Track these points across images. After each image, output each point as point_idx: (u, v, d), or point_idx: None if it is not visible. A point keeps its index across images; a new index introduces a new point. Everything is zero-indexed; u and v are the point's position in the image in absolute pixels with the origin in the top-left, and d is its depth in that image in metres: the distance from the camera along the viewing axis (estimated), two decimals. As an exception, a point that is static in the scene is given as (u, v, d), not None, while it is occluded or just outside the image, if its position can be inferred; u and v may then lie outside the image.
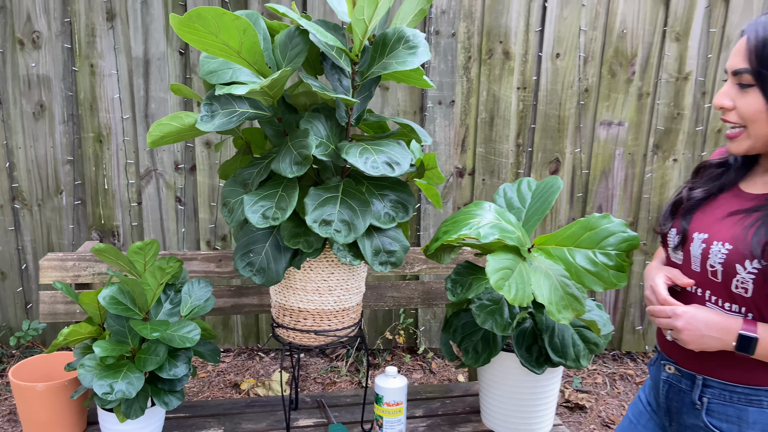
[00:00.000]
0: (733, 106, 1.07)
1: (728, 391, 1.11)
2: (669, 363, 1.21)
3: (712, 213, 1.15)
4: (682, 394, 1.18)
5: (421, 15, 1.62)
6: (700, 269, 1.13)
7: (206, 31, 1.26)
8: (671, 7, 2.71)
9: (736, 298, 1.07)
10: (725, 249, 1.07)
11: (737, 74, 1.05)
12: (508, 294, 1.37)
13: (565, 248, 1.48)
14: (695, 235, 1.14)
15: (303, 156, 1.37)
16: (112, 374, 1.48)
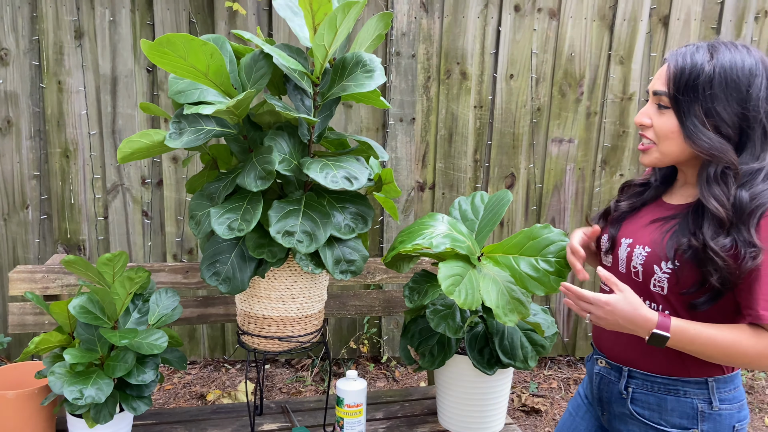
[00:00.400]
0: (651, 124, 1.20)
1: (650, 381, 1.23)
2: (601, 357, 1.34)
3: (637, 221, 1.28)
4: (611, 385, 1.30)
5: (378, 40, 1.74)
6: (625, 271, 1.25)
7: (175, 55, 1.35)
8: (615, 32, 2.89)
9: (654, 297, 1.20)
10: (645, 251, 1.20)
11: (657, 95, 1.18)
12: (458, 299, 1.49)
13: (510, 256, 1.60)
14: (622, 240, 1.27)
15: (267, 171, 1.46)
16: (81, 380, 1.54)
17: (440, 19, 2.84)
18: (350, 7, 1.40)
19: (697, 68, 1.12)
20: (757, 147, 1.13)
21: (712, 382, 1.20)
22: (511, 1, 2.84)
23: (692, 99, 1.12)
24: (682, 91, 1.13)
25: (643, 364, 1.24)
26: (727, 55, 1.12)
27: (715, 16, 2.91)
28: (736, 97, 1.11)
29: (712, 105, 1.11)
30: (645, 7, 2.88)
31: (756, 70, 1.12)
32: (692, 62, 1.13)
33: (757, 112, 1.11)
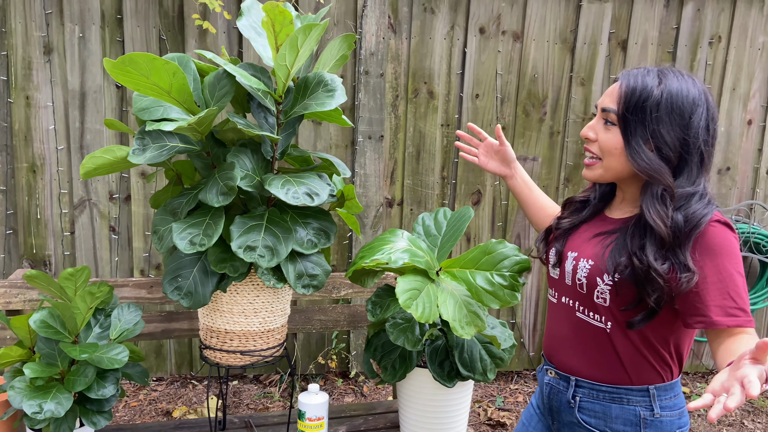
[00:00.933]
0: (596, 138, 1.25)
1: (595, 390, 1.28)
2: (551, 368, 1.38)
3: (581, 235, 1.33)
4: (560, 395, 1.34)
5: (343, 60, 1.79)
6: (571, 283, 1.30)
7: (138, 74, 1.38)
8: (576, 55, 2.99)
9: (598, 308, 1.25)
10: (588, 264, 1.25)
11: (605, 111, 1.23)
12: (415, 312, 1.52)
13: (467, 270, 1.64)
14: (569, 254, 1.32)
15: (228, 187, 1.49)
16: (41, 395, 1.53)
17: (408, 40, 2.91)
18: (311, 28, 1.45)
19: (647, 90, 1.17)
20: (694, 172, 1.18)
21: (652, 389, 1.25)
22: (477, 24, 2.92)
23: (639, 119, 1.17)
24: (631, 110, 1.18)
25: (590, 373, 1.29)
26: (675, 83, 1.18)
27: (671, 40, 3.03)
28: (679, 122, 1.16)
29: (656, 127, 1.16)
30: (604, 31, 2.98)
31: (699, 100, 1.18)
32: (642, 84, 1.18)
33: (696, 139, 1.17)
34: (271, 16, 1.50)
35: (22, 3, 2.70)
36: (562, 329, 1.34)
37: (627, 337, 1.23)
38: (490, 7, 2.92)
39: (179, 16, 2.80)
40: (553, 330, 1.38)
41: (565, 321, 1.33)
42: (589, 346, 1.28)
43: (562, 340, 1.34)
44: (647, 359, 1.24)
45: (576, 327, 1.30)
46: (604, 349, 1.26)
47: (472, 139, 1.69)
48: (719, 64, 3.07)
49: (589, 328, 1.27)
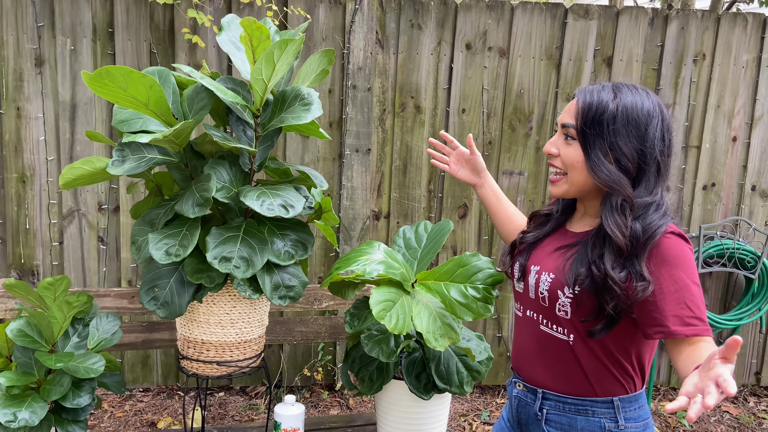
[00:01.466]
0: (558, 153, 1.28)
1: (561, 402, 1.29)
2: (519, 381, 1.39)
3: (544, 249, 1.35)
4: (528, 407, 1.35)
5: (323, 74, 1.82)
6: (534, 296, 1.32)
7: (115, 86, 1.40)
8: (562, 71, 3.03)
9: (560, 321, 1.27)
10: (550, 278, 1.27)
11: (565, 127, 1.26)
12: (389, 323, 1.54)
13: (442, 283, 1.66)
14: (531, 268, 1.34)
15: (204, 198, 1.51)
16: (16, 403, 1.54)
17: (395, 55, 2.94)
18: (287, 43, 1.48)
19: (603, 105, 1.20)
20: (651, 182, 1.21)
21: (617, 401, 1.26)
22: (463, 40, 2.96)
23: (597, 133, 1.20)
24: (589, 124, 1.21)
25: (556, 386, 1.30)
26: (629, 96, 1.21)
27: (656, 58, 3.07)
28: (635, 134, 1.19)
29: (614, 139, 1.19)
30: (590, 48, 3.02)
31: (654, 112, 1.21)
32: (598, 99, 1.21)
33: (653, 150, 1.20)
34: (249, 32, 1.53)
35: (15, 15, 2.74)
36: (528, 342, 1.35)
37: (589, 349, 1.25)
38: (476, 23, 2.96)
39: (170, 30, 2.84)
40: (520, 343, 1.39)
41: (530, 334, 1.34)
42: (553, 358, 1.29)
43: (528, 352, 1.35)
44: (610, 371, 1.25)
45: (540, 340, 1.31)
46: (568, 362, 1.27)
47: (444, 147, 1.71)
48: (704, 81, 3.11)
49: (553, 340, 1.29)
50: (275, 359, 3.15)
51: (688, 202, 3.20)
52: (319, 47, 2.90)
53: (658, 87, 3.08)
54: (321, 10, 2.88)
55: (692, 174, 3.18)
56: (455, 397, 3.26)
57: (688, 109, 3.12)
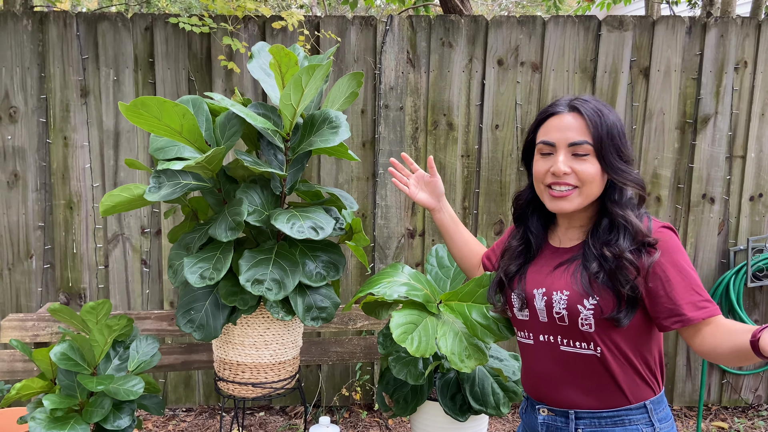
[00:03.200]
0: (571, 172, 1.26)
1: (597, 418, 1.27)
2: (542, 406, 1.35)
3: (540, 271, 1.34)
4: (560, 431, 1.32)
5: (353, 97, 1.84)
6: (547, 319, 1.30)
7: (150, 116, 1.45)
8: (597, 84, 2.98)
9: (584, 336, 1.25)
10: (564, 295, 1.26)
11: (575, 145, 1.25)
12: (410, 346, 1.52)
13: (464, 304, 1.63)
14: (535, 291, 1.32)
15: (236, 222, 1.54)
16: (59, 426, 1.59)
17: (426, 74, 2.96)
18: (314, 69, 1.50)
19: (606, 117, 1.25)
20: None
21: (649, 405, 1.27)
22: (495, 56, 2.95)
23: (611, 143, 1.24)
24: (604, 138, 1.24)
25: (589, 403, 1.27)
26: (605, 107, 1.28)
27: (695, 67, 2.99)
28: (622, 134, 1.27)
29: (620, 143, 1.25)
30: (625, 59, 2.97)
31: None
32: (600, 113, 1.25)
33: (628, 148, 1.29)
34: (277, 58, 1.56)
35: (60, 49, 2.87)
36: (547, 367, 1.32)
37: (618, 357, 1.25)
38: (507, 39, 2.95)
39: (207, 58, 2.93)
40: (537, 370, 1.35)
41: (549, 358, 1.32)
42: (582, 376, 1.27)
43: (550, 377, 1.32)
44: (640, 374, 1.26)
45: (563, 361, 1.29)
46: (599, 375, 1.26)
47: (403, 169, 1.69)
48: (746, 89, 3.01)
49: (579, 358, 1.27)
50: (313, 378, 3.16)
51: (734, 214, 3.09)
52: (352, 69, 2.94)
53: (698, 96, 3.00)
54: (352, 33, 2.92)
55: (738, 185, 3.08)
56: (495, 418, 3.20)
57: (731, 118, 3.02)
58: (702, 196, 3.07)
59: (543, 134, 1.30)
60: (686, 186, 3.07)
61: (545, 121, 1.31)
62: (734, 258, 3.07)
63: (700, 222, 3.09)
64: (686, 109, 3.03)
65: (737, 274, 2.99)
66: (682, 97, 3.02)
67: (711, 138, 3.03)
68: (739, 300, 3.01)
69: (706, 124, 3.02)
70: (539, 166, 1.31)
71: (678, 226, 3.11)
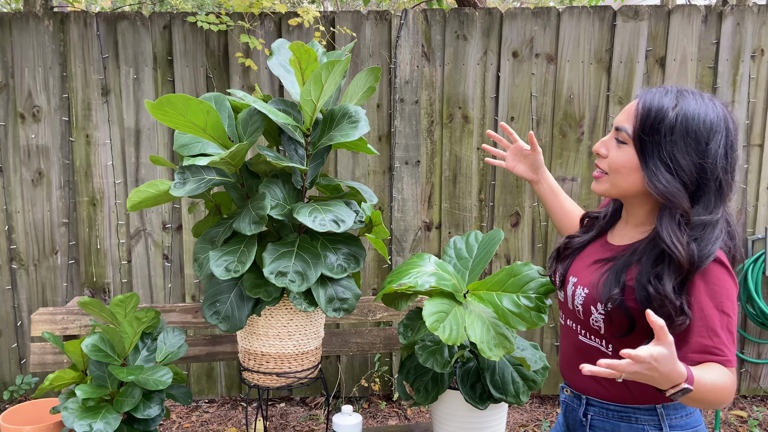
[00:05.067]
0: (607, 154, 1.23)
1: (605, 409, 1.29)
2: (565, 385, 1.40)
3: (583, 260, 1.34)
4: (574, 413, 1.36)
5: (370, 91, 1.87)
6: (572, 307, 1.32)
7: (175, 113, 1.49)
8: (612, 74, 2.98)
9: (596, 332, 1.27)
10: (584, 293, 1.26)
11: (618, 130, 1.20)
12: (442, 335, 1.56)
13: (494, 293, 1.66)
14: (570, 278, 1.34)
15: (260, 216, 1.58)
16: (91, 415, 1.64)
17: (441, 67, 2.97)
18: (333, 65, 1.53)
19: (662, 112, 1.14)
20: (712, 201, 1.15)
21: (660, 408, 1.24)
22: (509, 48, 2.96)
23: (654, 141, 1.14)
24: (647, 131, 1.15)
25: (599, 392, 1.29)
26: (692, 105, 1.13)
27: (712, 56, 2.98)
28: (695, 147, 1.13)
29: (671, 150, 1.13)
30: (641, 49, 2.97)
31: (717, 126, 1.13)
32: (659, 105, 1.15)
33: (714, 166, 1.13)
34: (297, 55, 1.59)
35: (81, 48, 2.92)
36: (569, 350, 1.36)
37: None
38: (522, 31, 2.96)
39: (224, 55, 2.97)
40: (564, 350, 1.40)
41: (571, 342, 1.35)
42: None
43: (569, 359, 1.35)
44: None
45: (580, 348, 1.32)
46: None
47: (502, 140, 1.67)
48: (763, 77, 2.99)
49: (592, 349, 1.29)
50: (333, 370, 3.21)
51: (752, 203, 3.08)
52: (367, 63, 2.96)
53: (715, 85, 2.99)
54: (367, 28, 2.95)
55: (756, 173, 3.06)
56: (514, 407, 3.23)
57: (748, 106, 3.01)
58: (719, 186, 3.06)
59: None
60: (703, 175, 3.06)
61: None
62: (752, 247, 3.06)
63: (717, 211, 3.08)
64: (703, 98, 3.02)
65: (755, 262, 2.99)
66: (698, 86, 3.01)
67: (728, 127, 3.02)
68: (757, 289, 3.00)
69: (723, 113, 3.01)
70: None
71: (695, 216, 3.10)
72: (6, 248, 3.03)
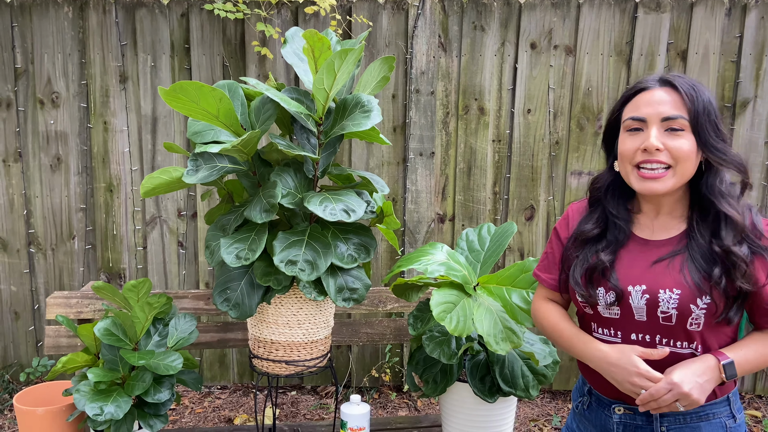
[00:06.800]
0: (663, 148, 1.19)
1: (681, 415, 1.24)
2: (619, 405, 1.30)
3: (633, 266, 1.25)
4: (640, 430, 1.28)
5: (384, 81, 1.86)
6: (646, 318, 1.23)
7: (188, 100, 1.50)
8: (632, 67, 2.94)
9: (690, 335, 1.20)
10: (675, 294, 1.19)
11: (670, 119, 1.18)
12: (449, 325, 1.55)
13: (503, 287, 1.65)
14: (630, 289, 1.23)
15: (271, 204, 1.58)
16: (102, 398, 1.67)
17: (458, 58, 2.95)
18: (346, 53, 1.52)
19: (703, 92, 1.20)
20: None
21: (731, 396, 1.26)
22: (528, 40, 2.93)
23: (708, 120, 1.19)
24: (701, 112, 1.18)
25: None
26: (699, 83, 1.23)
27: (735, 49, 2.92)
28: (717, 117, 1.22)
29: (717, 122, 1.20)
30: (662, 42, 2.91)
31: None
32: (697, 88, 1.20)
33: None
34: (311, 43, 1.59)
35: (100, 36, 2.94)
36: None
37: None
38: (541, 22, 2.92)
39: (240, 44, 2.97)
40: None
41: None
42: None
43: None
44: None
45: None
46: None
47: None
48: (789, 71, 2.93)
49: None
50: (344, 360, 3.22)
51: (773, 200, 3.02)
52: (383, 53, 2.95)
53: (737, 80, 2.93)
54: (384, 17, 2.93)
55: (778, 170, 3.00)
56: (525, 401, 3.22)
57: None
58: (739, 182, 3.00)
59: (631, 110, 1.24)
60: (723, 171, 3.01)
61: (633, 98, 1.24)
62: (772, 245, 3.00)
63: (737, 208, 3.03)
64: (724, 93, 2.96)
65: (775, 261, 2.94)
66: (720, 80, 2.95)
67: (750, 122, 2.96)
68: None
69: (745, 108, 2.95)
70: (627, 144, 1.23)
71: (714, 213, 3.05)
72: (24, 232, 3.07)
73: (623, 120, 1.26)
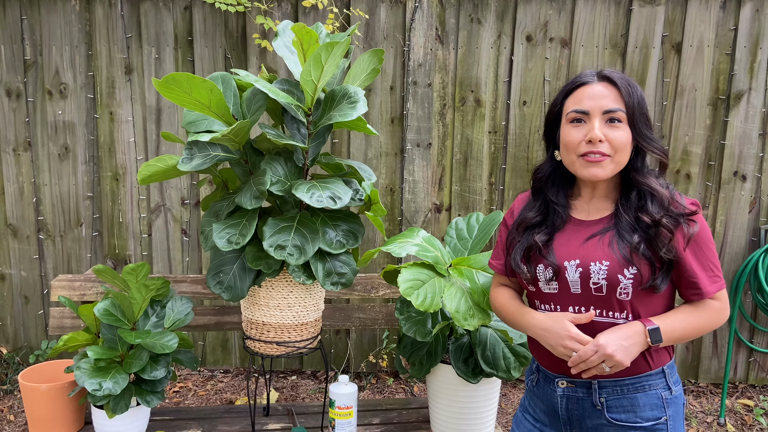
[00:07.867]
0: (604, 139, 1.28)
1: (619, 386, 1.31)
2: (561, 378, 1.37)
3: (568, 243, 1.34)
4: (581, 402, 1.34)
5: (374, 73, 1.92)
6: (581, 290, 1.31)
7: (180, 91, 1.57)
8: (627, 59, 2.97)
9: (621, 304, 1.28)
10: (604, 266, 1.27)
11: (610, 112, 1.28)
12: (415, 300, 1.63)
13: (473, 270, 1.71)
14: (566, 264, 1.32)
15: (260, 191, 1.66)
16: (101, 374, 1.75)
17: (455, 50, 3.00)
18: (333, 46, 1.59)
19: (635, 86, 1.31)
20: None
21: (666, 369, 1.32)
22: (524, 32, 2.97)
23: (641, 112, 1.31)
24: (636, 106, 1.30)
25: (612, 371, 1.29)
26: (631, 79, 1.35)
27: (729, 42, 2.94)
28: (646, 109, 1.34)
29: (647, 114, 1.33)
30: (657, 34, 2.94)
31: None
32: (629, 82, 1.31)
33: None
34: (299, 36, 1.65)
35: (106, 28, 3.02)
36: None
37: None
38: (537, 15, 2.96)
39: (242, 37, 3.04)
40: None
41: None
42: None
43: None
44: None
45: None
46: None
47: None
48: (784, 64, 2.95)
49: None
50: (342, 346, 3.30)
51: (766, 192, 3.05)
52: (381, 46, 3.00)
53: (732, 72, 2.96)
54: (382, 10, 2.98)
55: (772, 162, 3.03)
56: (515, 384, 3.28)
57: (765, 94, 2.97)
58: (733, 174, 3.04)
59: (574, 103, 1.32)
60: (717, 163, 3.04)
61: (574, 92, 1.33)
62: (765, 236, 3.03)
63: (730, 200, 3.06)
64: (719, 85, 2.99)
65: (767, 252, 2.97)
66: (714, 72, 2.97)
67: (744, 114, 2.99)
68: (768, 279, 2.98)
69: (740, 101, 2.98)
70: (571, 135, 1.31)
71: (708, 204, 3.09)
72: (34, 219, 3.18)
73: (566, 112, 1.34)
